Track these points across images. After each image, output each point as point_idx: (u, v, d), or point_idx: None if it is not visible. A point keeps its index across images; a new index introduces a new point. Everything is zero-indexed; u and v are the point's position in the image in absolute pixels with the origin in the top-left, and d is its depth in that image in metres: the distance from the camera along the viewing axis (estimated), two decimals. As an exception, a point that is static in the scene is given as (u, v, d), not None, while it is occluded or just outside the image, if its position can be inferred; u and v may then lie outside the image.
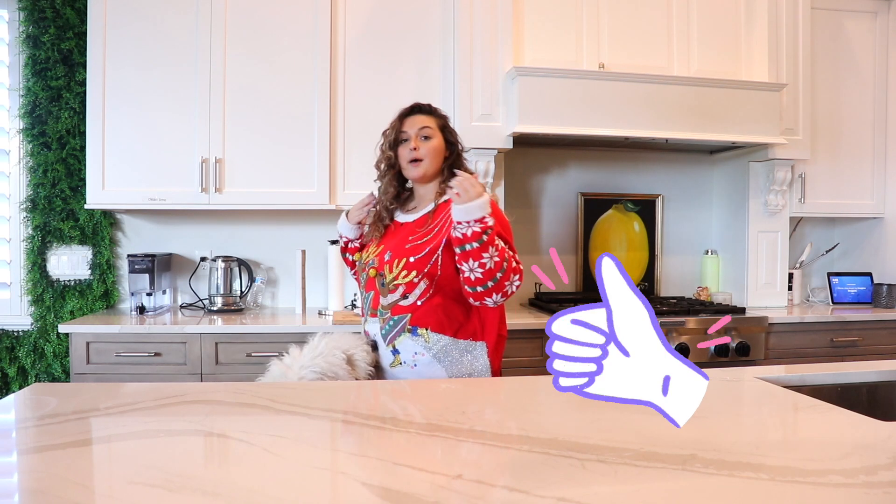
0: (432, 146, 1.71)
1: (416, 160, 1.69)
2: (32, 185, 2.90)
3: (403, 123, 1.74)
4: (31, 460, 0.92)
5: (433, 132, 1.72)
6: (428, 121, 1.73)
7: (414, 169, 1.70)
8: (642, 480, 0.86)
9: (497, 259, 1.48)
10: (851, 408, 1.23)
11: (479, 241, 1.47)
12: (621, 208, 3.40)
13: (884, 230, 3.41)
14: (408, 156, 1.71)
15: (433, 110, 1.77)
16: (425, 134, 1.71)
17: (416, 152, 1.69)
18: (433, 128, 1.73)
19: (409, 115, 1.76)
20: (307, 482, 0.86)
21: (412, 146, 1.70)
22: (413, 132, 1.71)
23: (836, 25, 3.31)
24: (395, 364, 1.64)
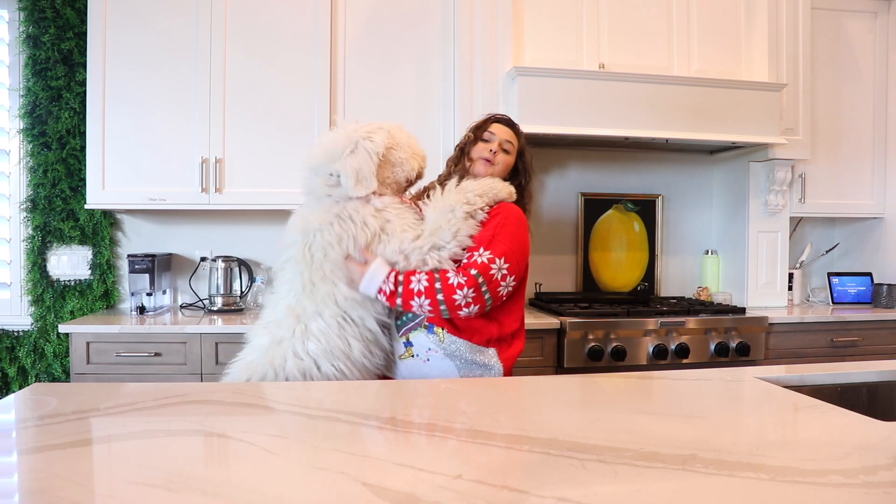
0: (506, 160, 1.81)
1: (489, 160, 1.78)
2: (32, 185, 2.90)
3: (492, 125, 1.83)
4: (31, 460, 0.92)
5: (512, 149, 1.83)
6: (513, 137, 1.83)
7: (483, 166, 1.78)
8: (642, 480, 0.86)
9: (427, 299, 1.54)
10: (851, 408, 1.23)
11: (398, 301, 1.55)
12: (621, 208, 3.40)
13: (884, 230, 3.41)
14: (483, 152, 1.79)
15: (518, 131, 1.87)
16: (506, 148, 1.81)
17: (493, 155, 1.78)
18: (514, 146, 1.83)
19: (498, 122, 1.84)
20: (307, 482, 0.86)
21: (494, 149, 1.78)
22: (498, 139, 1.80)
23: (836, 25, 3.32)
24: (406, 356, 1.65)
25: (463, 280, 1.54)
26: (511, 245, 1.62)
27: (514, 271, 1.61)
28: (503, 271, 1.59)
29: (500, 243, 1.61)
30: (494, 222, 1.65)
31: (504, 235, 1.63)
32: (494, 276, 1.57)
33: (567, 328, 2.60)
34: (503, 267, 1.59)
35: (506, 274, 1.59)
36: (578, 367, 2.60)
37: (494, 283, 1.57)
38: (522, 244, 1.68)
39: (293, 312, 1.57)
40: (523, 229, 1.71)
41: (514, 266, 1.61)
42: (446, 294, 1.54)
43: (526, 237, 1.71)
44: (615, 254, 3.39)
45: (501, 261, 1.59)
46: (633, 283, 3.41)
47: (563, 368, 2.61)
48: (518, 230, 1.67)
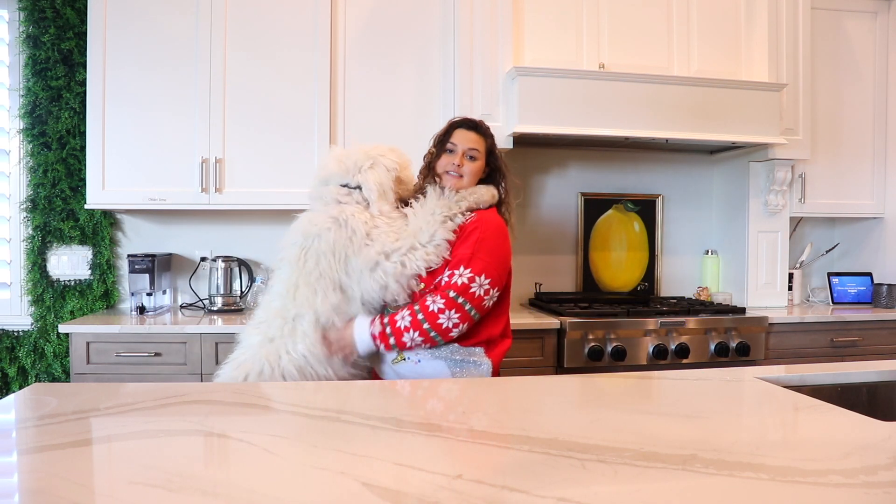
0: (475, 168, 1.78)
1: (455, 174, 1.76)
2: (32, 185, 2.90)
3: (453, 135, 1.79)
4: (31, 460, 0.92)
5: (479, 154, 1.79)
6: (478, 142, 1.79)
7: (452, 180, 1.76)
8: (642, 480, 0.86)
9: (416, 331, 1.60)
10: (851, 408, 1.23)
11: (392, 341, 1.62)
12: (621, 208, 3.40)
13: (884, 230, 3.41)
14: (448, 166, 1.76)
15: (484, 131, 1.82)
16: (472, 155, 1.78)
17: (459, 168, 1.76)
18: (480, 151, 1.79)
19: (460, 128, 1.80)
20: (307, 482, 0.86)
21: (456, 161, 1.76)
22: (461, 148, 1.77)
23: (836, 25, 3.31)
24: (399, 360, 1.69)
25: (442, 304, 1.59)
26: (491, 259, 1.65)
27: (497, 283, 1.65)
28: (485, 287, 1.63)
29: (480, 260, 1.63)
30: (473, 238, 1.67)
31: (483, 251, 1.65)
32: (476, 294, 1.62)
33: (567, 328, 2.60)
34: (484, 283, 1.62)
35: (488, 289, 1.63)
36: (578, 367, 2.60)
37: (478, 299, 1.62)
38: (502, 255, 1.70)
39: (280, 314, 1.64)
40: (502, 239, 1.72)
41: (496, 279, 1.65)
42: (431, 322, 1.59)
43: (505, 247, 1.72)
44: (615, 254, 3.39)
45: (482, 278, 1.62)
46: (633, 283, 3.41)
47: (563, 368, 2.61)
48: (497, 242, 1.69)
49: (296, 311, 1.63)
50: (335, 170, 1.74)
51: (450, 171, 1.77)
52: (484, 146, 1.80)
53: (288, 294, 1.65)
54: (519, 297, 3.25)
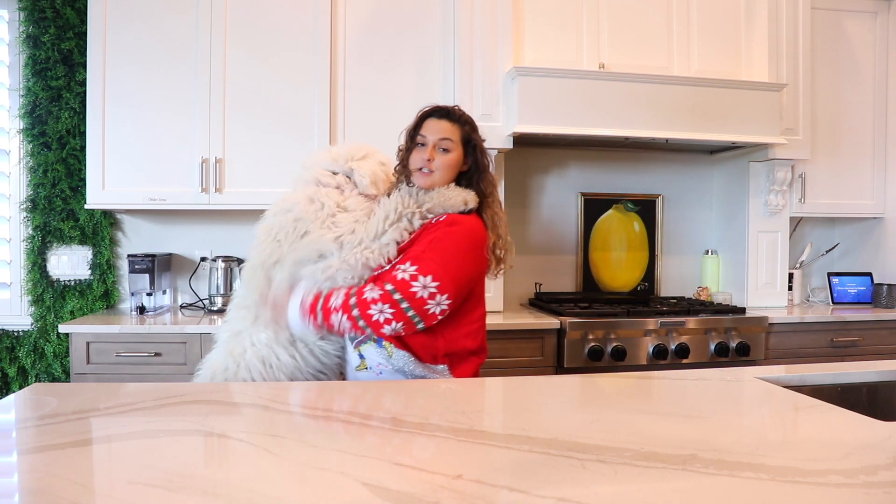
0: (448, 160, 1.59)
1: (424, 171, 1.58)
2: (32, 185, 2.90)
3: (423, 125, 1.61)
4: (31, 460, 0.92)
5: (453, 145, 1.59)
6: (451, 131, 1.60)
7: (422, 178, 1.59)
8: (642, 480, 0.86)
9: (344, 314, 1.44)
10: (851, 408, 1.23)
11: (320, 317, 1.46)
12: (621, 208, 3.40)
13: (884, 230, 3.41)
14: (419, 162, 1.59)
15: (459, 117, 1.63)
16: (444, 146, 1.59)
17: (430, 163, 1.57)
18: (454, 140, 1.60)
19: (430, 117, 1.62)
20: (307, 482, 0.86)
21: (426, 156, 1.57)
22: (432, 140, 1.59)
23: (836, 25, 3.31)
24: (361, 368, 1.59)
25: (377, 294, 1.43)
26: (443, 262, 1.45)
27: (447, 290, 1.44)
28: (430, 289, 1.42)
29: (430, 260, 1.45)
30: (430, 236, 1.51)
31: (436, 251, 1.47)
32: (418, 294, 1.42)
33: (567, 328, 2.60)
34: (430, 285, 1.42)
35: (434, 292, 1.43)
36: (578, 367, 2.60)
37: (419, 301, 1.42)
38: (461, 261, 1.49)
39: (242, 303, 1.60)
40: (467, 244, 1.52)
41: (447, 285, 1.44)
42: (361, 309, 1.43)
43: (470, 253, 1.52)
44: (615, 254, 3.39)
45: (428, 279, 1.43)
46: (633, 283, 3.41)
47: (563, 368, 2.61)
48: (458, 246, 1.50)
49: (255, 297, 1.55)
50: (324, 158, 1.69)
51: (422, 167, 1.58)
52: (459, 135, 1.61)
53: (248, 280, 1.58)
54: (519, 297, 3.25)
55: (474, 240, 1.53)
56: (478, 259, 1.55)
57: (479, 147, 1.65)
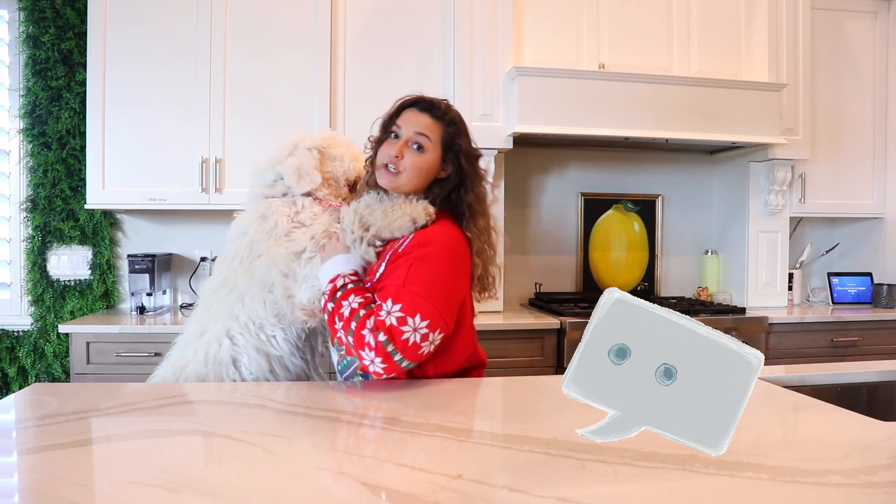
0: (419, 162, 1.35)
1: (389, 169, 1.36)
2: (32, 185, 2.90)
3: (400, 116, 1.39)
4: (31, 460, 0.92)
5: (430, 145, 1.35)
6: (430, 127, 1.36)
7: (386, 176, 1.36)
8: (642, 480, 0.86)
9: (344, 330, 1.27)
10: (851, 408, 1.23)
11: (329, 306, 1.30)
12: (621, 208, 3.40)
13: (884, 230, 3.41)
14: (385, 158, 1.36)
15: (443, 114, 1.38)
16: (419, 142, 1.35)
17: (397, 161, 1.34)
18: (432, 139, 1.35)
19: (411, 108, 1.40)
20: (307, 482, 0.86)
21: (394, 152, 1.34)
22: (405, 133, 1.36)
23: (836, 25, 3.31)
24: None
25: (372, 341, 1.23)
26: (427, 294, 1.24)
27: (439, 326, 1.26)
28: (421, 331, 1.23)
29: (413, 295, 1.24)
30: (410, 258, 1.28)
31: (417, 283, 1.25)
32: (410, 341, 1.22)
33: (567, 328, 2.60)
34: (420, 327, 1.23)
35: (426, 333, 1.23)
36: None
37: (412, 347, 1.23)
38: (446, 287, 1.29)
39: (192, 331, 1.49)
40: (448, 265, 1.30)
41: (437, 321, 1.25)
42: (356, 343, 1.25)
43: (455, 275, 1.32)
44: (615, 254, 3.39)
45: (416, 319, 1.22)
46: (634, 283, 3.41)
47: (563, 368, 2.60)
48: (438, 269, 1.28)
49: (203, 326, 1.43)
50: (265, 164, 1.57)
51: (388, 163, 1.35)
52: (439, 134, 1.36)
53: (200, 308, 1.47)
54: (519, 297, 3.25)
55: (454, 256, 1.32)
56: (463, 275, 1.35)
57: (466, 153, 1.38)
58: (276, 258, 1.38)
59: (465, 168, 1.38)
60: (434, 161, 1.37)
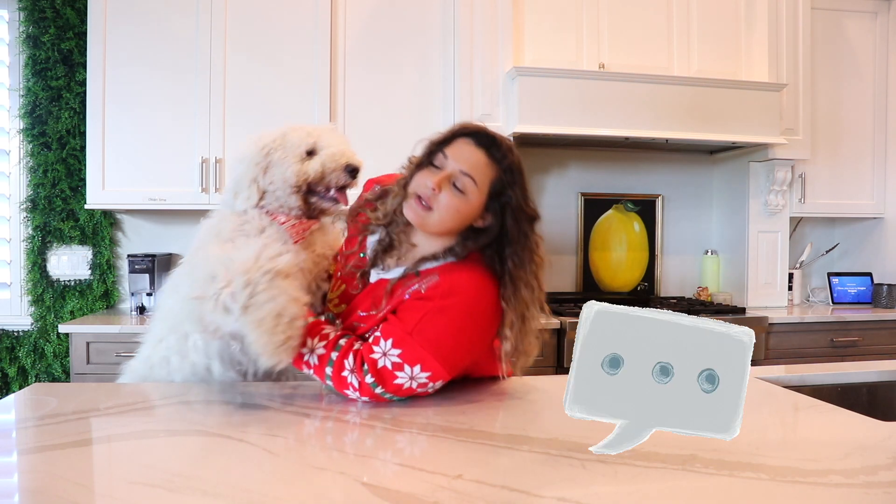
0: (456, 204, 1.15)
1: (422, 202, 1.16)
2: (32, 185, 2.90)
3: (452, 143, 1.18)
4: (31, 460, 0.92)
5: (474, 189, 1.15)
6: (483, 168, 1.16)
7: (414, 209, 1.17)
8: (642, 480, 0.86)
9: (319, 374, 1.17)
10: (851, 408, 1.23)
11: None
12: (621, 208, 3.40)
13: (884, 230, 3.41)
14: (420, 187, 1.17)
15: (502, 156, 1.18)
16: (461, 184, 1.15)
17: (432, 195, 1.15)
18: (479, 183, 1.15)
19: (466, 137, 1.18)
20: (307, 482, 0.86)
21: (432, 183, 1.14)
22: (451, 167, 1.16)
23: (836, 25, 3.31)
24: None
25: (356, 382, 1.13)
26: (435, 347, 1.12)
27: (441, 377, 1.15)
28: (419, 380, 1.13)
29: (418, 347, 1.12)
30: (427, 306, 1.13)
31: (426, 335, 1.12)
32: (405, 386, 1.13)
33: (567, 328, 2.60)
34: (418, 377, 1.13)
35: (425, 382, 1.14)
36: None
37: (406, 391, 1.15)
38: (462, 344, 1.17)
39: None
40: (470, 322, 1.15)
41: (440, 373, 1.14)
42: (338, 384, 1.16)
43: (474, 333, 1.18)
44: (615, 254, 3.39)
45: (415, 369, 1.12)
46: (633, 283, 3.40)
47: (563, 368, 2.61)
48: (456, 325, 1.14)
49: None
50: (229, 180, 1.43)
51: (420, 194, 1.16)
52: (490, 179, 1.16)
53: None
54: (519, 297, 3.25)
55: (478, 314, 1.17)
56: (486, 331, 1.20)
57: (515, 208, 1.18)
58: (209, 257, 1.20)
59: (510, 226, 1.18)
60: (475, 207, 1.17)
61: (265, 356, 1.09)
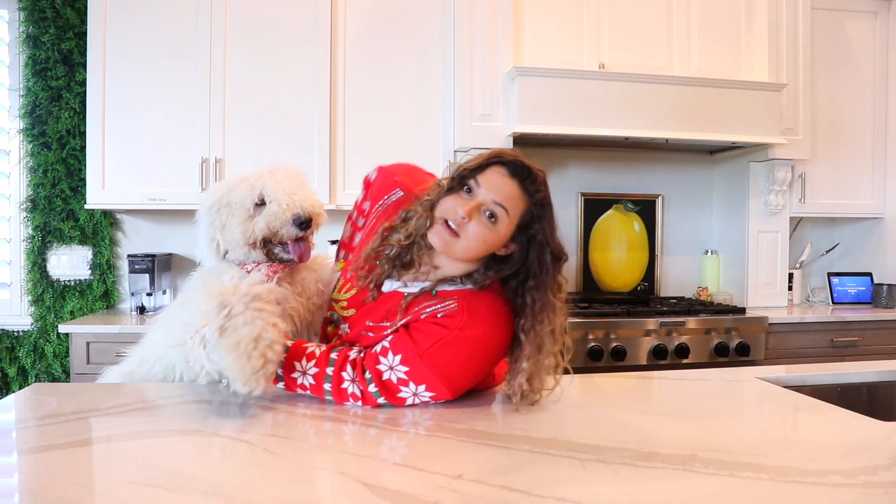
0: (486, 235, 1.13)
1: (449, 228, 1.14)
2: (32, 185, 2.90)
3: (486, 171, 1.15)
4: (31, 460, 0.92)
5: (505, 219, 1.14)
6: (515, 199, 1.14)
7: (441, 235, 1.14)
8: (642, 480, 0.86)
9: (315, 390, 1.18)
10: (851, 408, 1.23)
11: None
12: (621, 208, 3.39)
13: (884, 230, 3.41)
14: (449, 213, 1.14)
15: (535, 189, 1.15)
16: (492, 212, 1.13)
17: (461, 223, 1.13)
18: (510, 213, 1.14)
19: (501, 166, 1.15)
20: (307, 482, 0.86)
21: (463, 212, 1.12)
22: (482, 196, 1.13)
23: (836, 25, 3.31)
24: None
25: (357, 392, 1.15)
26: (444, 373, 1.13)
27: (444, 398, 1.17)
28: (422, 398, 1.16)
29: (427, 369, 1.13)
30: (444, 332, 1.14)
31: (438, 359, 1.13)
32: (408, 401, 1.16)
33: (567, 328, 2.59)
34: (422, 394, 1.15)
35: (427, 399, 1.16)
36: (578, 367, 2.60)
37: (409, 405, 1.17)
38: (471, 372, 1.18)
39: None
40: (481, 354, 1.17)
41: (444, 395, 1.16)
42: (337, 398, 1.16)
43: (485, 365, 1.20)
44: (615, 254, 3.39)
45: (420, 388, 1.14)
46: (633, 283, 3.40)
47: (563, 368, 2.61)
48: (468, 356, 1.15)
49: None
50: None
51: (449, 219, 1.14)
52: (520, 211, 1.15)
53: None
54: (519, 297, 3.25)
55: (493, 347, 1.18)
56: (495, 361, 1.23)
57: (541, 244, 1.17)
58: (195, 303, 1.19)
59: (532, 261, 1.17)
60: (502, 238, 1.16)
61: (240, 382, 1.07)
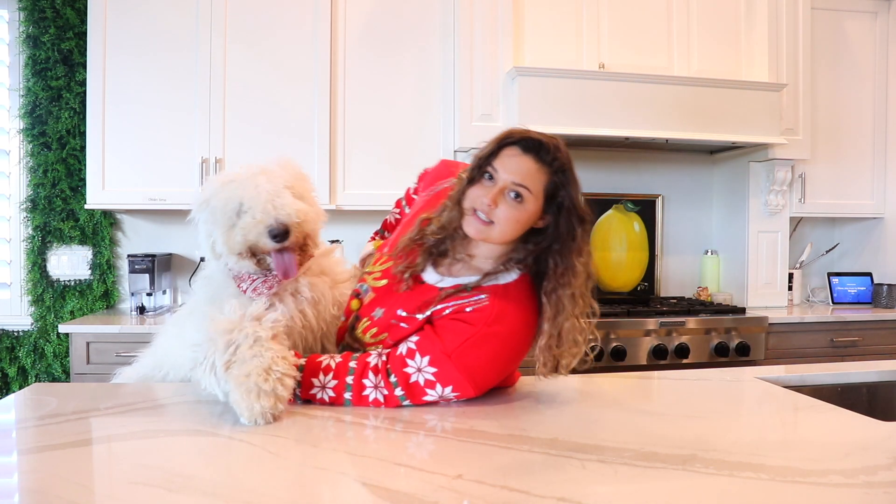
0: (516, 214, 1.15)
1: (481, 218, 1.16)
2: (32, 185, 2.90)
3: (499, 155, 1.16)
4: (31, 460, 0.92)
5: (530, 197, 1.14)
6: (533, 175, 1.14)
7: (475, 224, 1.16)
8: (642, 480, 0.86)
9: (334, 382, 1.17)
10: (851, 408, 1.23)
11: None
12: (621, 208, 3.39)
13: (884, 230, 3.41)
14: (476, 202, 1.16)
15: (551, 159, 1.15)
16: (517, 192, 1.14)
17: (489, 209, 1.14)
18: (534, 191, 1.14)
19: (513, 146, 1.16)
20: (307, 482, 0.86)
21: (488, 199, 1.14)
22: (503, 180, 1.15)
23: (836, 25, 3.31)
24: None
25: (381, 397, 1.16)
26: (471, 373, 1.16)
27: (468, 396, 1.20)
28: (447, 397, 1.18)
29: (455, 369, 1.15)
30: (471, 330, 1.16)
31: (465, 361, 1.15)
32: (430, 400, 1.18)
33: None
34: (448, 395, 1.17)
35: (450, 398, 1.19)
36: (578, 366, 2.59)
37: (432, 405, 1.19)
38: (496, 371, 1.22)
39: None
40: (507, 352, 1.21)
41: (468, 394, 1.19)
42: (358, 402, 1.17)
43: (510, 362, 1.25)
44: (615, 254, 3.39)
45: (447, 390, 1.16)
46: (633, 283, 3.40)
47: (563, 368, 2.61)
48: (495, 354, 1.18)
49: None
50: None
51: (477, 209, 1.16)
52: (543, 184, 1.15)
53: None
54: (519, 297, 3.25)
55: (518, 345, 1.22)
56: (519, 359, 1.26)
57: (569, 210, 1.16)
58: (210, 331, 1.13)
59: (562, 229, 1.17)
60: (533, 214, 1.16)
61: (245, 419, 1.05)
